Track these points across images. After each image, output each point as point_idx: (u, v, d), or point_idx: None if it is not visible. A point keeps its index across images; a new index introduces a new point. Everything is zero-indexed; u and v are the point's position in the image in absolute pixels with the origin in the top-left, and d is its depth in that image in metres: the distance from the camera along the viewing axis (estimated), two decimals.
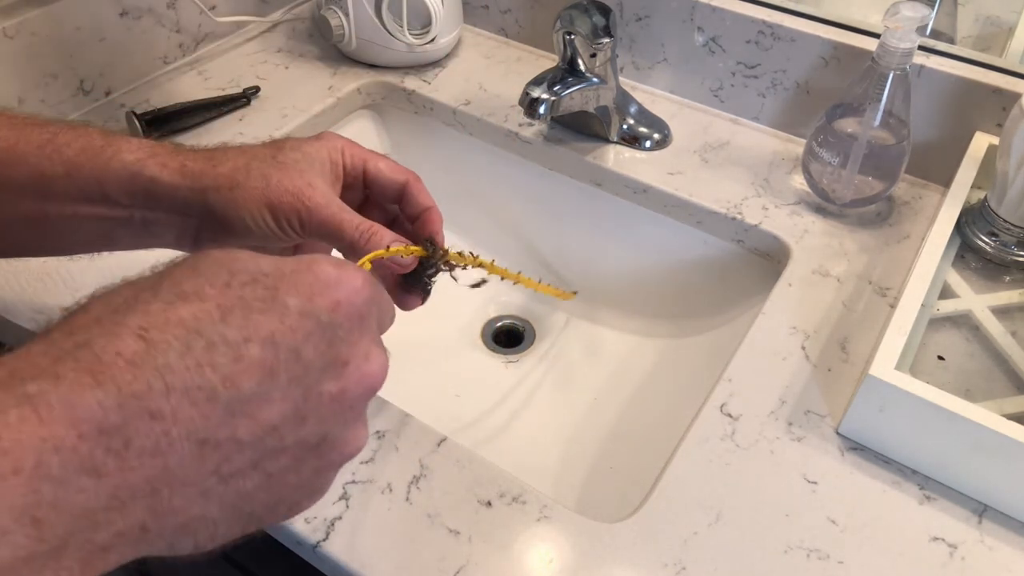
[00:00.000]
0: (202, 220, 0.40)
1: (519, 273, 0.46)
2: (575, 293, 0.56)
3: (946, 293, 0.56)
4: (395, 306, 0.33)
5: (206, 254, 0.27)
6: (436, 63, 0.79)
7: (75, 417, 0.21)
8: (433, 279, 0.44)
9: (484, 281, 0.46)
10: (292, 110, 0.73)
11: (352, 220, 0.39)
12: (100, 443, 0.21)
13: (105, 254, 0.45)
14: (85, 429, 0.21)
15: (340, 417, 0.27)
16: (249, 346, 0.24)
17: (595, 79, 0.64)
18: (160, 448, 0.22)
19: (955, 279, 0.57)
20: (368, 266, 0.37)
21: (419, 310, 0.72)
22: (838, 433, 0.48)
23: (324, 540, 0.42)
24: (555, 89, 0.62)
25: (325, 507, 0.44)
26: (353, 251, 0.39)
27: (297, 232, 0.39)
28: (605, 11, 0.62)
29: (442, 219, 0.45)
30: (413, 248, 0.41)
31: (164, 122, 0.68)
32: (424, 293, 0.45)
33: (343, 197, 0.42)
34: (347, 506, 0.44)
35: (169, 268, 0.26)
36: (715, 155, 0.69)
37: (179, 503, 0.24)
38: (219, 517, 0.25)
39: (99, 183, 0.38)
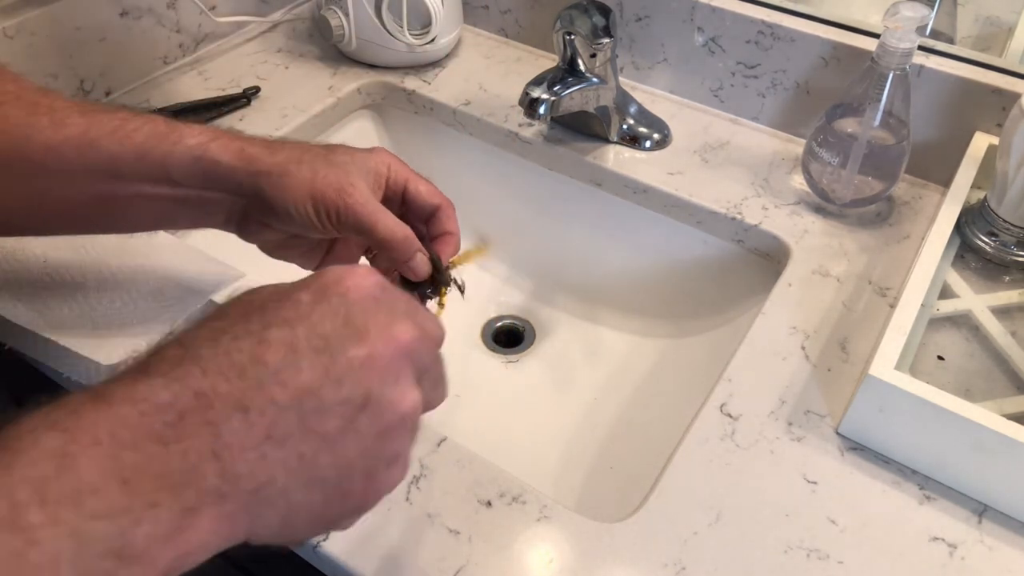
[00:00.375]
0: (251, 201, 0.43)
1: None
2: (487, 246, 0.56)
3: (946, 293, 0.56)
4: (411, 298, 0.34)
5: (236, 296, 0.31)
6: (436, 63, 0.79)
7: (134, 399, 0.25)
8: (429, 297, 0.46)
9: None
10: (292, 110, 0.73)
11: (386, 221, 0.42)
12: (158, 418, 0.25)
13: None
14: (144, 407, 0.25)
15: (377, 378, 0.29)
16: (269, 331, 0.28)
17: (595, 79, 0.64)
18: (208, 419, 0.26)
19: (955, 279, 0.57)
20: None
21: None
22: (838, 433, 0.48)
23: (324, 540, 0.42)
24: (555, 89, 0.62)
25: None
26: (383, 249, 0.42)
27: (333, 224, 0.42)
28: (605, 11, 0.62)
29: (458, 248, 0.47)
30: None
31: None
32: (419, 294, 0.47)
33: None
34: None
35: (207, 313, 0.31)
36: (715, 155, 0.69)
37: (243, 468, 0.26)
38: (289, 484, 0.27)
39: (164, 166, 0.41)
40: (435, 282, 0.45)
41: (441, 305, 0.46)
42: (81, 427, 0.24)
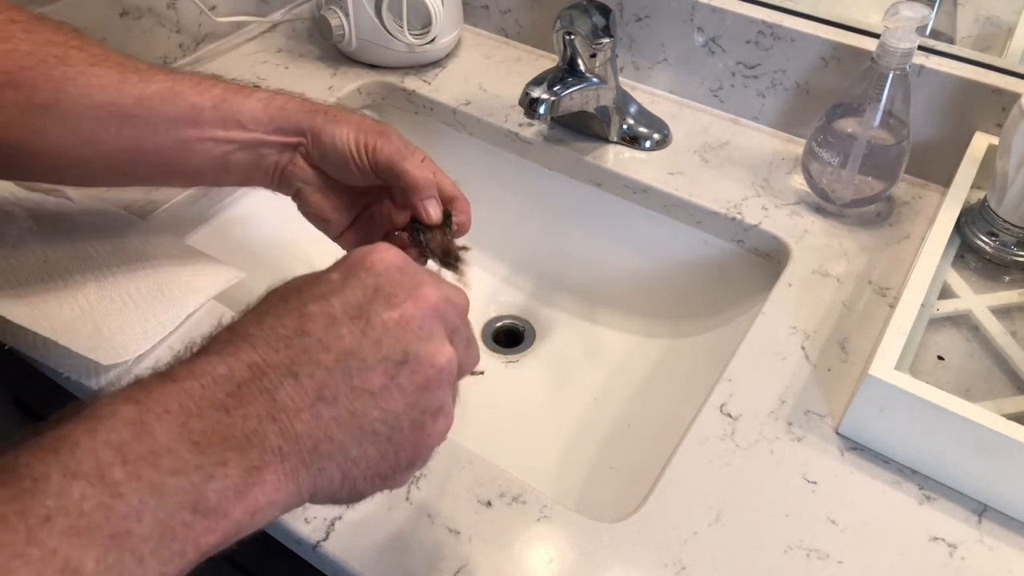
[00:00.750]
0: (303, 138, 0.48)
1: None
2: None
3: (946, 293, 0.56)
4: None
5: (270, 288, 0.34)
6: (436, 63, 0.79)
7: (195, 374, 0.28)
8: (428, 240, 0.49)
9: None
10: None
11: (415, 161, 0.47)
12: (219, 389, 0.28)
13: None
14: (205, 380, 0.28)
15: (413, 335, 0.31)
16: (308, 306, 0.31)
17: (595, 79, 0.64)
18: (264, 386, 0.29)
19: (955, 279, 0.57)
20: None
21: None
22: (838, 433, 0.48)
23: (324, 540, 0.42)
24: (555, 89, 0.62)
25: (325, 507, 0.44)
26: (408, 187, 0.47)
27: (369, 159, 0.47)
28: (605, 11, 0.62)
29: (468, 224, 0.51)
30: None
31: None
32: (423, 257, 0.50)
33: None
34: (347, 506, 0.44)
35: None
36: (715, 155, 0.69)
37: (301, 428, 0.29)
38: (344, 439, 0.30)
39: (237, 112, 0.47)
40: (445, 251, 0.49)
41: (459, 272, 0.49)
42: (152, 399, 0.27)
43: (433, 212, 0.48)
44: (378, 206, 0.52)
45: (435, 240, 0.48)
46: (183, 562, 0.26)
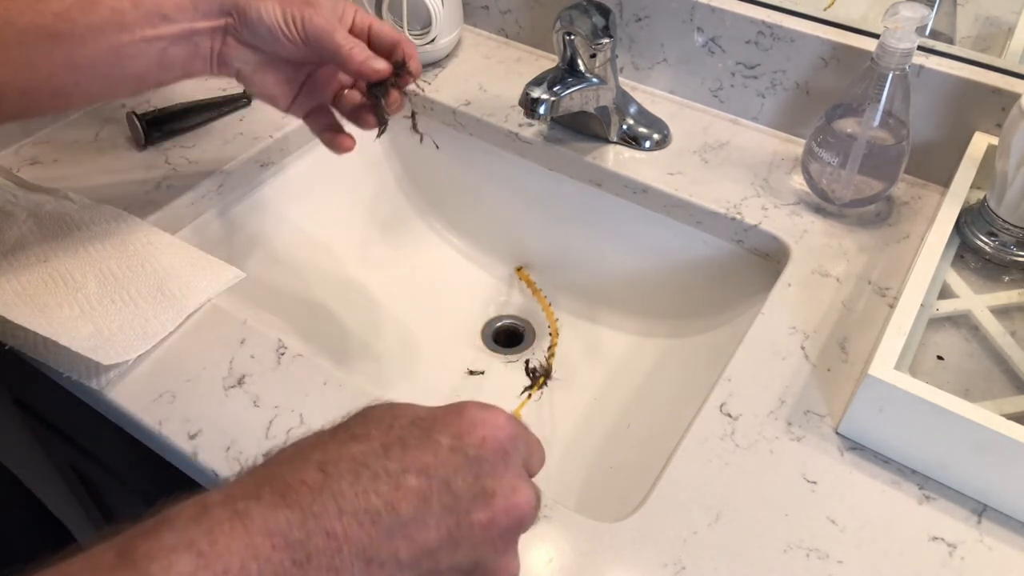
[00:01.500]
0: (230, 18, 0.48)
1: None
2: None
3: (945, 293, 0.56)
4: (542, 446, 0.35)
5: (375, 407, 0.32)
6: (436, 63, 0.79)
7: (269, 530, 0.26)
8: (386, 97, 0.51)
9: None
10: None
11: (343, 32, 0.48)
12: (288, 554, 0.26)
13: None
14: (277, 541, 0.26)
15: (491, 545, 0.30)
16: (407, 476, 0.29)
17: (595, 79, 0.64)
18: (334, 564, 0.27)
19: (954, 279, 0.57)
20: (519, 414, 0.40)
21: (420, 309, 0.73)
22: (837, 433, 0.49)
23: None
24: (555, 89, 0.62)
25: None
26: (341, 60, 0.49)
27: (299, 32, 0.48)
28: (605, 11, 0.62)
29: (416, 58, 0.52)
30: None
31: (165, 122, 0.68)
32: (380, 119, 0.53)
33: None
34: None
35: (346, 420, 0.32)
36: (715, 155, 0.70)
37: None
38: None
39: (159, 6, 0.46)
40: (397, 75, 0.51)
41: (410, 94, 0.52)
42: (216, 552, 0.25)
43: (379, 66, 0.49)
44: (323, 69, 0.53)
45: (393, 98, 0.50)
46: None
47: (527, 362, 0.57)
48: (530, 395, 0.54)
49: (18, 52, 0.44)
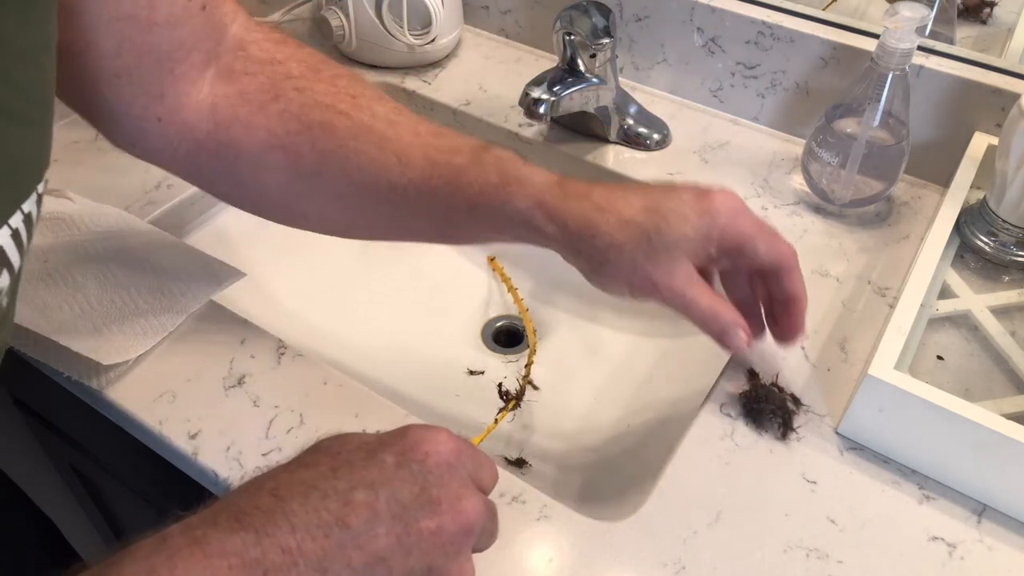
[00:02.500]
0: (576, 259, 0.45)
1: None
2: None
3: (945, 293, 0.56)
4: (493, 464, 0.36)
5: (324, 439, 0.34)
6: (436, 63, 0.79)
7: (226, 551, 0.28)
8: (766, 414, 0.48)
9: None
10: None
11: (697, 302, 0.43)
12: (246, 573, 0.27)
13: None
14: (234, 561, 0.27)
15: (441, 551, 0.32)
16: (355, 492, 0.31)
17: (595, 79, 0.64)
18: None
19: (954, 279, 0.57)
20: (477, 442, 0.48)
21: (420, 309, 0.73)
22: (837, 433, 0.49)
23: None
24: (555, 89, 0.62)
25: None
26: (698, 325, 0.44)
27: (650, 300, 0.44)
28: (605, 12, 0.62)
29: (803, 314, 0.47)
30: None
31: None
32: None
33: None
34: None
35: (298, 454, 0.33)
36: (715, 155, 0.70)
37: None
38: None
39: (496, 221, 0.44)
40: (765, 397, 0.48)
41: None
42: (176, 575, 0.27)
43: (735, 343, 0.44)
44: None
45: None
46: None
47: (500, 385, 0.58)
48: (497, 420, 0.55)
49: (350, 197, 0.45)
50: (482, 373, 0.68)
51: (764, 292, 0.48)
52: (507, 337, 0.72)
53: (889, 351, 0.46)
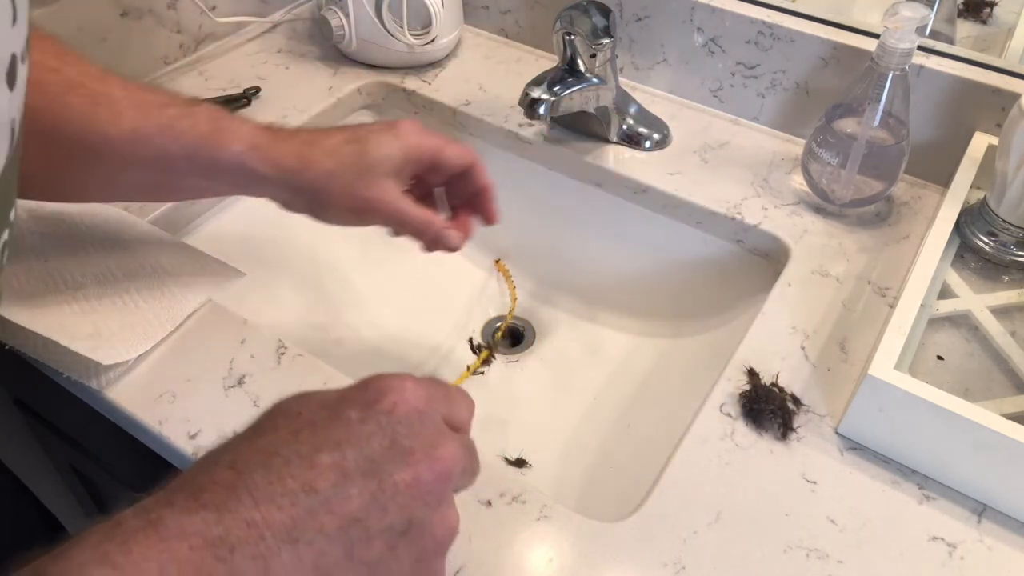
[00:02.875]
0: (294, 200, 0.48)
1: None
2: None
3: (945, 293, 0.56)
4: (467, 396, 0.35)
5: (282, 400, 0.32)
6: (436, 63, 0.79)
7: (185, 532, 0.26)
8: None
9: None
10: (292, 110, 0.73)
11: (412, 213, 0.48)
12: (208, 552, 0.26)
13: None
14: (195, 542, 0.26)
15: (421, 502, 0.30)
16: (320, 455, 0.29)
17: (595, 79, 0.64)
18: (259, 551, 0.26)
19: (954, 279, 0.57)
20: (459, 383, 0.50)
21: (420, 309, 0.73)
22: (837, 433, 0.49)
23: None
24: (555, 89, 0.62)
25: None
26: (416, 236, 0.49)
27: (370, 220, 0.48)
28: (605, 11, 0.62)
29: (494, 196, 0.53)
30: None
31: None
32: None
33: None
34: None
35: (255, 419, 0.31)
36: (715, 155, 0.70)
37: None
38: None
39: (210, 167, 0.46)
40: None
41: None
42: (131, 562, 0.25)
43: (453, 242, 0.50)
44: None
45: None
46: None
47: (470, 339, 0.60)
48: (470, 369, 0.57)
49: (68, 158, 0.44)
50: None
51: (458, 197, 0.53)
52: (507, 337, 0.72)
53: (889, 351, 0.46)
